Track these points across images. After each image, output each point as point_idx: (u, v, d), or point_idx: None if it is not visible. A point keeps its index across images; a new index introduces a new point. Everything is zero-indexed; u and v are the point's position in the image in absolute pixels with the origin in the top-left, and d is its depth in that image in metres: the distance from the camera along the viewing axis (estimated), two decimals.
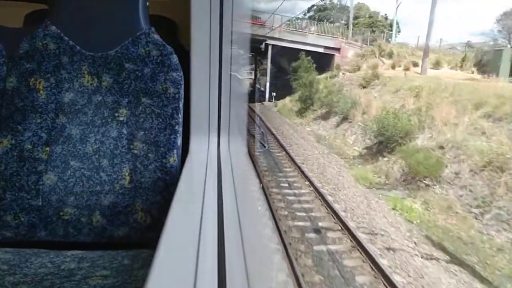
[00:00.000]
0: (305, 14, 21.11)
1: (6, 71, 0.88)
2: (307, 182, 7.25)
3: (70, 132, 0.86)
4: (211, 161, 0.84)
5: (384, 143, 9.32)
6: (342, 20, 22.08)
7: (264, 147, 10.47)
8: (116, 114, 0.89)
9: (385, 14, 28.86)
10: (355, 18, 21.33)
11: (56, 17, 0.90)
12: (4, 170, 0.84)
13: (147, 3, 0.95)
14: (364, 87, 16.35)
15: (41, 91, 0.88)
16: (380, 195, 6.78)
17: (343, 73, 20.01)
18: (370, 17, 29.77)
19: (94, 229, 0.86)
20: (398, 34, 22.43)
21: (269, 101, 21.66)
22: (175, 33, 1.57)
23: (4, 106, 0.86)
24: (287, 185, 7.24)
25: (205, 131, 0.90)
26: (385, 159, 9.00)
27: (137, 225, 0.87)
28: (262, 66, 33.79)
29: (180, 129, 0.90)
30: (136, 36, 0.90)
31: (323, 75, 19.11)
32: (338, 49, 21.86)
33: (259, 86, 32.54)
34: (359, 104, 13.50)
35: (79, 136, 0.86)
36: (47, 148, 0.86)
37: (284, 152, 9.87)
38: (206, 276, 0.42)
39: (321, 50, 21.89)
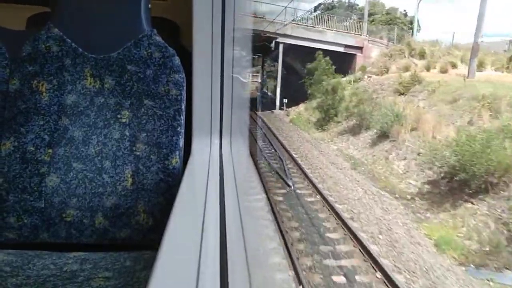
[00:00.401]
0: (311, 13, 20.69)
1: (9, 74, 0.92)
2: (378, 274, 4.41)
3: (73, 134, 0.90)
4: (213, 162, 0.86)
5: (462, 180, 6.86)
6: (350, 19, 22.11)
7: (289, 186, 6.72)
8: (119, 116, 0.92)
9: (405, 11, 28.14)
10: (370, 15, 21.22)
11: (58, 20, 0.95)
12: (7, 172, 0.88)
13: (149, 5, 0.98)
14: (401, 94, 13.79)
15: (44, 93, 0.91)
16: None
17: (368, 76, 17.66)
18: (387, 13, 28.83)
19: (96, 231, 0.89)
20: (418, 32, 21.89)
21: (280, 109, 18.53)
22: (177, 35, 1.59)
23: (7, 108, 0.90)
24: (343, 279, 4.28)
25: (207, 133, 0.91)
26: (469, 205, 6.67)
27: (139, 226, 0.90)
28: (269, 68, 29.73)
29: (182, 130, 0.93)
30: (138, 38, 0.94)
31: (344, 79, 17.32)
32: (360, 48, 19.98)
33: (266, 91, 28.57)
34: (403, 117, 10.99)
35: (82, 138, 0.90)
36: (50, 150, 0.89)
37: (318, 195, 7.48)
38: (208, 278, 0.43)
39: (341, 49, 19.97)
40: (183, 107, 0.94)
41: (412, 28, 22.24)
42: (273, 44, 18.19)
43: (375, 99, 12.81)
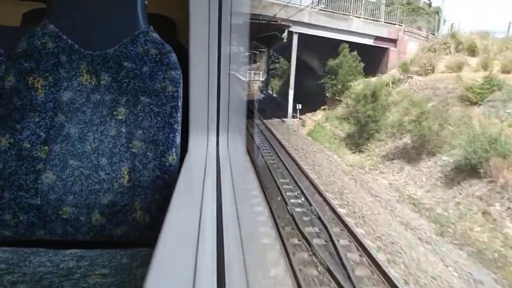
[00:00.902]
0: (318, 4, 17.03)
1: (4, 70, 1.02)
2: None
3: (69, 131, 0.99)
4: (210, 159, 0.92)
5: None
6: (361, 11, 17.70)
7: None
8: (115, 113, 1.00)
9: (429, 0, 25.29)
10: (387, 5, 17.66)
11: (54, 16, 1.04)
12: (3, 169, 0.97)
13: (145, 2, 1.08)
14: (474, 103, 9.69)
15: (40, 90, 0.99)
16: None
17: (408, 77, 13.49)
18: (408, 3, 24.67)
19: (93, 228, 0.98)
20: (443, 24, 18.42)
21: (292, 117, 13.24)
22: (174, 31, 1.64)
23: (2, 105, 1.00)
24: None
25: (204, 130, 0.98)
26: None
27: (136, 223, 0.98)
28: (273, 65, 25.03)
29: (179, 127, 1.01)
30: (134, 34, 1.03)
31: (374, 79, 13.57)
32: (394, 41, 16.31)
33: (271, 92, 23.99)
34: (503, 143, 7.20)
35: (78, 135, 0.99)
36: (46, 147, 0.98)
37: None
38: (205, 274, 0.45)
39: (370, 41, 16.30)
40: (179, 104, 1.01)
41: (439, 20, 19.76)
42: (285, 34, 14.06)
43: (444, 111, 8.77)
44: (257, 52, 32.46)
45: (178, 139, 0.98)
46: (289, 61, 22.18)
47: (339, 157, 11.31)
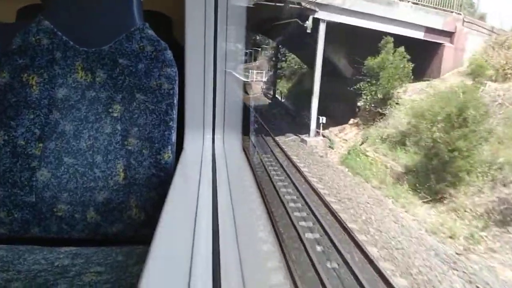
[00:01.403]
0: None
1: None
2: None
3: (64, 128, 0.98)
4: (205, 157, 0.92)
5: None
6: None
7: None
8: (110, 110, 0.99)
9: None
10: None
11: (49, 12, 1.03)
12: None
13: None
14: None
15: (34, 87, 0.98)
16: None
17: (479, 83, 9.58)
18: None
19: (88, 226, 0.97)
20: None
21: (316, 134, 8.11)
22: (170, 28, 1.62)
23: None
24: None
25: (199, 127, 0.98)
26: None
27: (132, 221, 0.97)
28: (280, 64, 23.70)
29: (175, 125, 1.00)
30: (130, 31, 1.02)
31: (426, 83, 10.69)
32: (450, 34, 11.95)
33: (278, 97, 19.63)
34: None
35: (73, 132, 0.98)
36: (41, 144, 0.97)
37: None
38: (201, 272, 0.44)
39: (419, 34, 11.83)
40: (175, 101, 0.99)
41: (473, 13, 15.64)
42: (309, 23, 10.07)
43: None
44: (260, 49, 28.34)
45: (173, 137, 0.97)
46: (302, 58, 17.87)
47: (404, 209, 7.08)
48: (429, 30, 12.24)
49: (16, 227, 0.91)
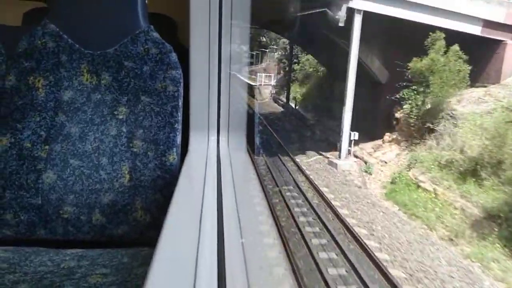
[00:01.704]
0: None
1: (5, 70, 1.04)
2: None
3: (70, 130, 1.01)
4: (210, 159, 0.93)
5: None
6: None
7: None
8: (115, 113, 1.02)
9: None
10: None
11: (55, 16, 1.06)
12: (4, 168, 0.99)
13: (146, 1, 1.09)
14: None
15: (40, 90, 1.01)
16: None
17: None
18: None
19: (93, 228, 0.99)
20: None
21: (347, 155, 5.28)
22: (174, 31, 1.63)
23: (3, 105, 1.02)
24: None
25: (204, 129, 0.99)
26: None
27: (137, 223, 0.99)
28: (293, 66, 21.09)
29: (180, 127, 1.02)
30: (135, 34, 1.04)
31: (482, 89, 8.61)
32: None
33: (292, 105, 17.11)
34: None
35: (79, 135, 1.01)
36: (47, 147, 0.99)
37: None
38: (206, 274, 0.45)
39: (475, 29, 9.82)
40: (180, 103, 1.02)
41: None
42: (341, 14, 7.86)
43: None
44: (266, 51, 26.21)
45: (178, 139, 0.99)
46: (321, 59, 15.44)
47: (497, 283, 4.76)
48: (487, 23, 10.22)
49: (23, 229, 0.94)
